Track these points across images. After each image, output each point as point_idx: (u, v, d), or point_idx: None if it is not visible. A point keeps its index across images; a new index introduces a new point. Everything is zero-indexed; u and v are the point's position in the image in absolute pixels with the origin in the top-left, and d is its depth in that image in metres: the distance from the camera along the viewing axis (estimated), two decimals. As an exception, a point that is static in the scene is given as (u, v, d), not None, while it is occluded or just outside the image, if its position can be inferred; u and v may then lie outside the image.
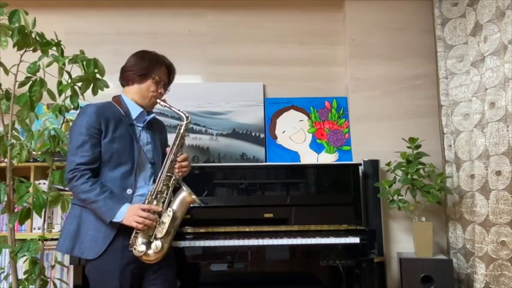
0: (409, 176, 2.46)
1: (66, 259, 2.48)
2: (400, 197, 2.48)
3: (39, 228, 2.47)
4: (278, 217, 2.37)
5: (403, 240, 2.68)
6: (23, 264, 2.38)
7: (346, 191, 2.49)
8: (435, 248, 2.60)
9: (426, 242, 2.44)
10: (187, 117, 1.92)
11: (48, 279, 2.21)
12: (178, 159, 1.87)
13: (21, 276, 2.15)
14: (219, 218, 2.36)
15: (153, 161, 1.91)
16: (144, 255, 1.73)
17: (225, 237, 2.21)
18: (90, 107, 1.82)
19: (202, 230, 2.28)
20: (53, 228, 2.59)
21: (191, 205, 1.89)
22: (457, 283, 2.56)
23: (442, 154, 2.73)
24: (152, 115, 1.97)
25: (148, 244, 1.74)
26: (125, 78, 1.95)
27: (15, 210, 2.10)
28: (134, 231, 1.74)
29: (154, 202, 1.79)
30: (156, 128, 2.02)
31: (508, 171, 2.15)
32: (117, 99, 1.94)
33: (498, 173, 2.20)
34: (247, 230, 2.30)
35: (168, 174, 1.84)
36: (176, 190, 1.87)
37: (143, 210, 1.73)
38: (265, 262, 2.29)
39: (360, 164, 2.56)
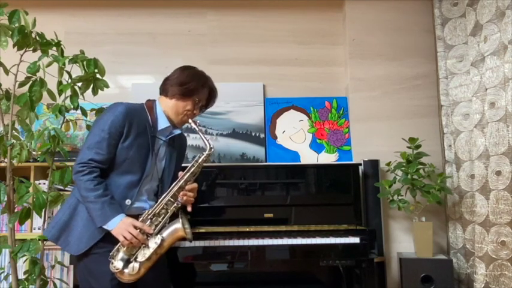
0: (409, 176, 2.46)
1: (66, 259, 2.49)
2: (400, 197, 2.48)
3: (39, 228, 2.47)
4: (278, 217, 2.37)
5: (403, 240, 2.68)
6: (23, 264, 2.38)
7: (346, 191, 2.49)
8: (435, 248, 2.60)
9: (426, 242, 2.44)
10: (210, 148, 1.84)
11: (48, 279, 2.21)
12: (187, 187, 1.81)
13: (21, 276, 2.15)
14: (219, 218, 2.37)
15: (161, 179, 1.88)
16: (119, 272, 1.67)
17: (225, 237, 2.21)
18: (120, 107, 1.77)
19: (202, 230, 2.28)
20: (53, 228, 2.59)
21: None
22: (457, 283, 2.56)
23: (442, 154, 2.73)
24: (178, 132, 1.91)
25: (126, 263, 1.68)
26: (166, 90, 1.88)
27: (15, 210, 2.10)
28: (118, 244, 1.70)
29: (148, 222, 1.74)
30: (177, 144, 1.96)
31: (508, 171, 2.15)
32: (150, 105, 1.88)
33: (498, 173, 2.20)
34: (248, 230, 2.30)
35: (171, 199, 1.79)
36: (175, 216, 1.80)
37: (135, 227, 1.69)
38: (265, 262, 2.29)
39: (360, 164, 2.56)
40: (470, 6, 2.49)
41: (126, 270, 1.67)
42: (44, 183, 2.49)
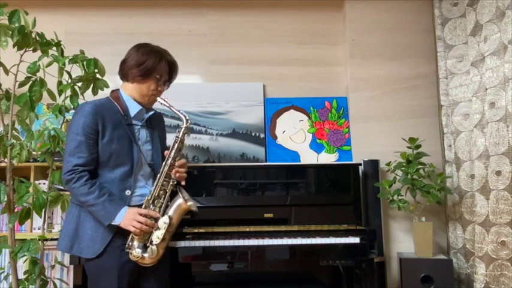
0: (409, 176, 2.46)
1: (66, 259, 2.48)
2: (400, 197, 2.48)
3: (39, 228, 2.47)
4: (278, 217, 2.37)
5: (403, 240, 2.68)
6: (23, 264, 2.38)
7: (346, 191, 2.48)
8: (435, 248, 2.60)
9: (426, 242, 2.44)
10: (187, 120, 1.89)
11: (48, 279, 2.21)
12: (176, 164, 1.85)
13: (21, 276, 2.15)
14: (219, 218, 2.36)
15: (152, 162, 1.90)
16: (140, 259, 1.74)
17: (225, 237, 2.20)
18: (87, 106, 1.79)
19: (202, 230, 2.28)
20: (53, 228, 2.59)
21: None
22: (457, 283, 2.56)
23: (442, 154, 2.73)
24: (151, 112, 1.94)
25: (144, 248, 1.75)
26: (125, 74, 1.90)
27: (15, 210, 2.10)
28: (131, 235, 1.74)
29: (152, 207, 1.79)
30: (155, 124, 1.99)
31: (508, 171, 2.15)
32: (116, 95, 1.89)
33: (498, 173, 2.20)
34: (247, 230, 2.30)
35: (166, 179, 1.82)
36: (174, 194, 1.86)
37: (141, 215, 1.73)
38: (265, 262, 2.29)
39: (360, 164, 2.56)
40: (470, 6, 2.49)
41: (145, 255, 1.74)
42: (44, 183, 2.50)
